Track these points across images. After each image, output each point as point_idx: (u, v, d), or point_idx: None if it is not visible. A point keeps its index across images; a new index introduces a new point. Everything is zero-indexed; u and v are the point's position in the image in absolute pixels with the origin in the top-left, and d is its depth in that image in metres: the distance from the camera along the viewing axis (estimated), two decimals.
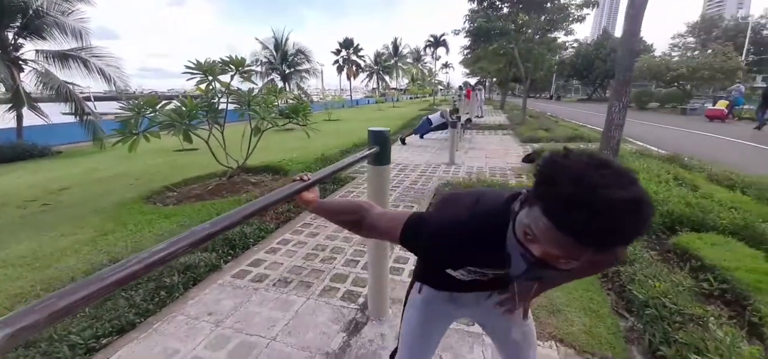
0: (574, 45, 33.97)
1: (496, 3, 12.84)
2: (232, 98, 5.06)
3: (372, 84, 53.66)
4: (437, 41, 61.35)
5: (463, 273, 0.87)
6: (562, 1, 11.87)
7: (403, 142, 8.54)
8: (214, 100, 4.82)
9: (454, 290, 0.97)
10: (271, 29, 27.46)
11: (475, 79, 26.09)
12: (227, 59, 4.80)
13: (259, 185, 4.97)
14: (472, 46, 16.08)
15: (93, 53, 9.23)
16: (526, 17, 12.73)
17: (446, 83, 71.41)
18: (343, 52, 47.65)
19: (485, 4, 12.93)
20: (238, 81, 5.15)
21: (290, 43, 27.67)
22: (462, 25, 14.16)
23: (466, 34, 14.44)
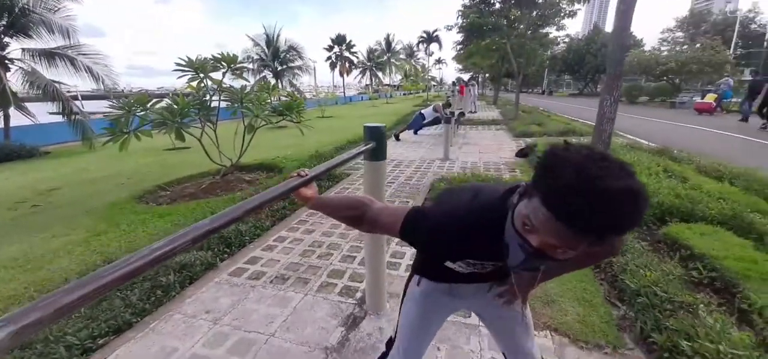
0: (566, 40, 34.18)
1: None
2: (224, 95, 5.02)
3: (365, 81, 53.48)
4: (430, 37, 61.39)
5: (461, 266, 0.88)
6: None
7: (397, 138, 8.54)
8: (206, 98, 4.78)
9: (452, 282, 0.99)
10: (263, 25, 27.21)
11: (468, 75, 26.14)
12: (219, 56, 4.76)
13: (254, 183, 4.95)
14: (465, 42, 16.12)
15: (80, 51, 9.05)
16: (518, 13, 12.79)
17: (439, 79, 71.48)
18: (336, 49, 47.38)
19: None
20: (229, 78, 5.11)
21: (282, 39, 27.40)
22: (455, 20, 14.19)
23: (459, 29, 14.47)
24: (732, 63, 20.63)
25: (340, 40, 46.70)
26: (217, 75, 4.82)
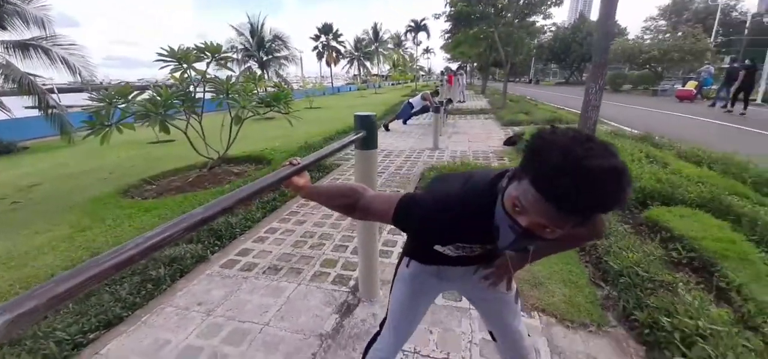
0: (552, 29, 34.43)
1: None
2: (209, 86, 4.91)
3: (353, 71, 52.92)
4: (418, 26, 60.92)
5: (451, 249, 0.91)
6: None
7: (386, 128, 8.53)
8: (191, 89, 4.66)
9: (441, 264, 1.02)
10: (246, 14, 26.50)
11: (457, 65, 26.14)
12: (202, 46, 4.64)
13: (243, 176, 4.89)
14: (453, 31, 16.11)
15: (55, 42, 8.67)
16: (505, 1, 12.81)
17: (428, 69, 71.28)
18: (323, 38, 46.63)
19: None
20: (214, 68, 5.00)
21: (266, 28, 26.84)
22: (443, 8, 14.14)
23: (447, 18, 14.44)
24: (712, 51, 21.14)
25: (326, 29, 45.96)
26: (200, 65, 4.71)
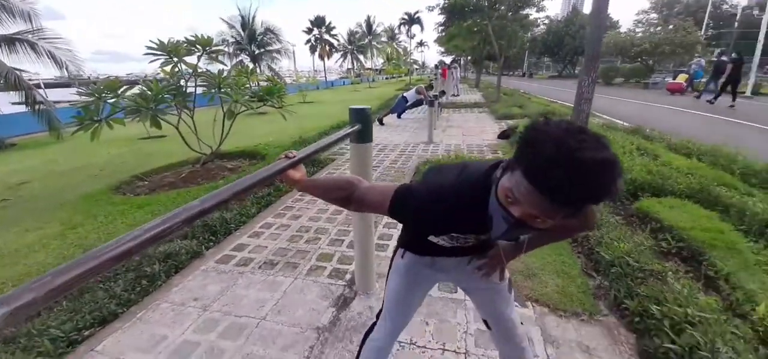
0: (545, 22, 34.45)
1: None
2: (200, 80, 4.84)
3: (346, 64, 52.59)
4: (412, 19, 60.62)
5: (445, 240, 0.92)
6: None
7: (381, 122, 8.52)
8: (182, 83, 4.60)
9: (435, 255, 1.03)
10: (237, 7, 26.08)
11: (451, 58, 26.10)
12: (193, 39, 4.57)
13: (237, 171, 4.86)
14: (447, 23, 16.04)
15: (41, 36, 8.46)
16: None
17: (422, 62, 71.08)
18: (315, 31, 46.17)
19: None
20: (205, 62, 4.93)
21: (258, 21, 26.45)
22: (436, 0, 14.06)
23: (441, 10, 14.37)
24: (703, 44, 21.37)
25: (319, 22, 45.51)
26: (191, 59, 4.65)
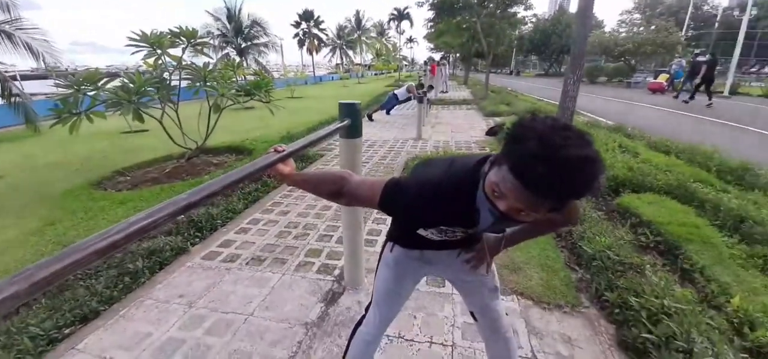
0: (533, 20, 34.87)
1: None
2: (185, 73, 4.73)
3: (335, 60, 52.12)
4: (401, 14, 60.51)
5: (434, 233, 0.94)
6: None
7: (370, 118, 8.50)
8: (165, 75, 4.48)
9: (424, 248, 1.05)
10: None
11: (440, 55, 26.19)
12: (177, 31, 4.46)
13: (223, 166, 4.78)
14: (436, 19, 16.07)
15: (18, 26, 8.09)
16: None
17: (411, 59, 71.09)
18: (304, 25, 45.56)
19: None
20: (190, 54, 4.81)
21: (245, 13, 25.96)
22: None
23: (430, 6, 14.38)
24: (683, 44, 22.02)
25: (307, 15, 44.90)
26: (176, 51, 4.53)
